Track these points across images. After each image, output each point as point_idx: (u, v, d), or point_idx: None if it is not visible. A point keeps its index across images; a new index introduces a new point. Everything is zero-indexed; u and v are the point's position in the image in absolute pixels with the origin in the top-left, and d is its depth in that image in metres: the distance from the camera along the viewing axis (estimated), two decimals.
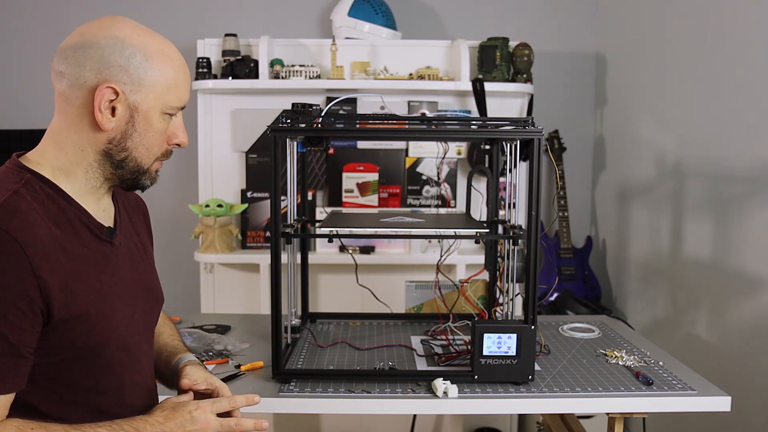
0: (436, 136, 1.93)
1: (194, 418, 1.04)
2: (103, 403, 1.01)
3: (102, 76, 0.96)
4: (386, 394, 1.38)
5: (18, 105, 3.00)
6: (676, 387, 1.42)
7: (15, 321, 0.88)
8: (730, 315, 2.04)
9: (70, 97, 0.97)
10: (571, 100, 3.12)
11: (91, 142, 0.99)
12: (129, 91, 0.98)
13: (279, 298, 1.42)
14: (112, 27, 0.99)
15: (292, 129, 1.46)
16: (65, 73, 0.97)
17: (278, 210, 1.41)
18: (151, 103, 1.00)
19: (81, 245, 0.98)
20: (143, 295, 1.11)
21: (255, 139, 2.69)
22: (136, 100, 0.99)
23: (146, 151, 1.03)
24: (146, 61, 0.98)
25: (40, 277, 0.90)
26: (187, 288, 2.95)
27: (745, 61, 1.98)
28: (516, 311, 1.68)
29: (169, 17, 2.97)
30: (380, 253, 2.67)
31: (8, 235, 0.88)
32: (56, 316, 0.92)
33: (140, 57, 0.98)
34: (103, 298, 0.99)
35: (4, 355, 0.88)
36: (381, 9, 2.73)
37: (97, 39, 0.97)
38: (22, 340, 0.89)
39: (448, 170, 2.74)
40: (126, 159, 1.02)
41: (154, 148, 1.04)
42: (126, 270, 1.06)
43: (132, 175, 1.04)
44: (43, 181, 0.97)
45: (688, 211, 2.28)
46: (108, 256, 1.03)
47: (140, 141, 1.01)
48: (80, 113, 0.98)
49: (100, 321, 0.98)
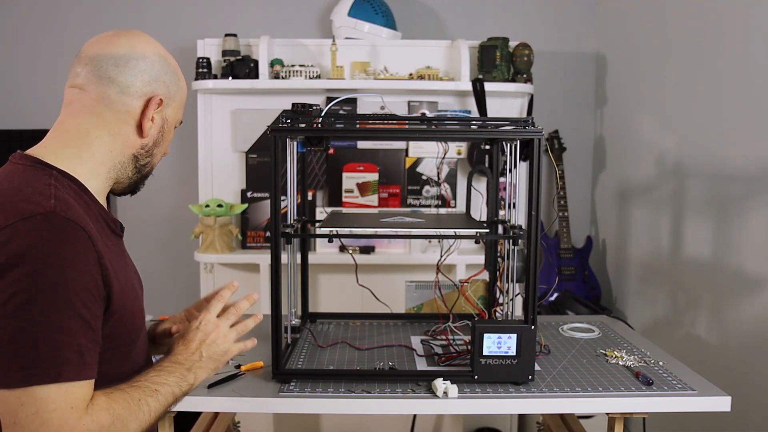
0: (436, 136, 1.93)
1: (205, 330, 1.15)
2: None
3: (150, 87, 1.06)
4: (386, 394, 1.38)
5: (18, 105, 3.00)
6: (676, 387, 1.42)
7: (93, 308, 0.92)
8: (730, 315, 2.04)
9: (115, 102, 1.04)
10: (571, 100, 3.12)
11: (125, 146, 1.07)
12: (166, 105, 1.10)
13: (279, 298, 1.42)
14: (155, 44, 1.10)
15: (292, 129, 1.46)
16: (115, 79, 1.03)
17: (278, 210, 1.41)
18: (174, 116, 1.13)
19: (108, 239, 1.03)
20: (140, 288, 1.17)
21: (255, 139, 2.69)
22: (167, 113, 1.11)
23: (159, 157, 1.15)
24: (177, 80, 1.12)
25: (103, 265, 0.94)
26: (187, 288, 2.95)
27: (746, 61, 1.98)
28: (516, 311, 1.68)
29: (169, 17, 2.97)
30: (380, 253, 2.67)
31: (75, 224, 0.92)
32: (113, 305, 0.97)
33: (176, 76, 1.11)
34: (132, 290, 1.05)
35: (89, 341, 0.92)
36: (381, 9, 2.73)
37: (148, 54, 1.07)
38: (98, 326, 0.94)
39: (448, 170, 2.74)
40: (147, 164, 1.13)
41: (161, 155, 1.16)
42: (131, 263, 1.15)
43: (141, 179, 1.14)
44: (67, 177, 1.00)
45: (688, 211, 2.28)
46: (122, 249, 1.10)
47: (161, 149, 1.14)
48: (122, 118, 1.05)
49: (135, 311, 1.05)
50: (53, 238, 0.89)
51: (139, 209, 2.89)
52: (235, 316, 1.22)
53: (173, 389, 1.06)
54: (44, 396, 0.88)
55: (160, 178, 3.04)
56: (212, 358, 1.15)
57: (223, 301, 1.22)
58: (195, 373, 1.12)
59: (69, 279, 0.89)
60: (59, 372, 0.89)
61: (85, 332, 0.91)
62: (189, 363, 1.12)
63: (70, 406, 0.90)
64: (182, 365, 1.11)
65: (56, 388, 0.89)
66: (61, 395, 0.89)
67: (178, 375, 1.09)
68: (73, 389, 0.91)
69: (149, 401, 1.01)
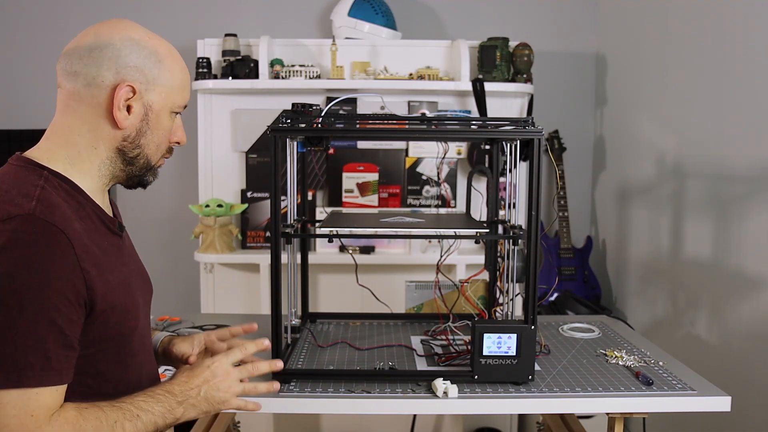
0: (436, 136, 1.93)
1: (214, 372, 1.13)
2: (128, 393, 1.04)
3: (120, 75, 1.00)
4: (386, 394, 1.38)
5: (18, 105, 3.00)
6: (676, 387, 1.42)
7: (67, 312, 0.90)
8: (730, 315, 2.04)
9: (85, 96, 1.00)
10: (571, 100, 3.12)
11: (106, 140, 1.03)
12: (144, 90, 1.02)
13: (279, 298, 1.42)
14: (125, 29, 1.04)
15: (292, 129, 1.46)
16: (80, 72, 1.00)
17: (278, 210, 1.41)
18: (163, 102, 1.05)
19: (102, 238, 1.01)
20: (145, 286, 1.16)
21: (255, 139, 2.69)
22: (150, 99, 1.04)
23: (155, 148, 1.08)
24: (159, 63, 1.04)
25: (84, 268, 0.92)
26: (187, 288, 2.95)
27: (746, 61, 1.98)
28: (516, 311, 1.68)
29: (169, 17, 2.97)
30: (380, 253, 2.67)
31: (55, 227, 0.90)
32: (98, 307, 0.95)
33: (154, 58, 1.03)
34: (127, 289, 1.03)
35: (60, 347, 0.90)
36: (381, 9, 2.73)
37: (113, 40, 1.01)
38: (73, 332, 0.92)
39: (448, 170, 2.74)
40: (138, 156, 1.07)
41: (162, 145, 1.10)
42: (132, 262, 1.12)
43: (140, 172, 1.09)
44: (59, 177, 0.99)
45: (688, 211, 2.28)
46: (121, 248, 1.08)
47: (151, 138, 1.07)
48: (95, 111, 1.01)
49: (129, 311, 1.03)
50: (29, 240, 0.87)
51: (139, 209, 2.89)
52: (242, 355, 1.19)
53: (156, 419, 1.03)
54: (4, 401, 0.87)
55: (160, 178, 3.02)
56: (209, 400, 1.12)
57: (246, 354, 1.20)
58: (185, 408, 1.09)
59: (42, 282, 0.87)
60: (20, 377, 0.87)
61: (56, 337, 0.89)
62: (183, 396, 1.09)
63: (30, 413, 0.87)
64: (175, 397, 1.07)
65: (17, 394, 0.87)
66: (22, 401, 0.87)
67: (166, 405, 1.05)
68: (35, 396, 0.88)
69: (126, 426, 0.97)
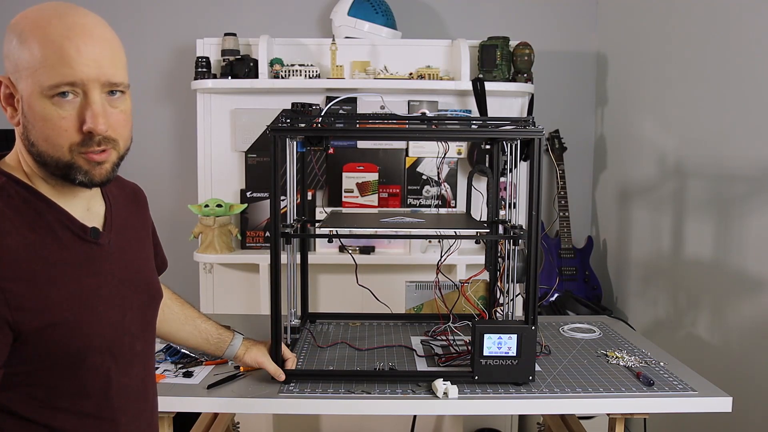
0: (436, 136, 1.93)
1: None
2: (87, 407, 0.98)
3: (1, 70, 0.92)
4: (386, 394, 1.38)
5: None
6: (677, 387, 1.42)
7: None
8: (731, 315, 2.04)
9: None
10: (571, 99, 3.12)
11: (18, 141, 0.95)
12: (16, 80, 0.90)
13: (279, 298, 1.42)
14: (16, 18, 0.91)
15: (291, 129, 1.45)
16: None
17: (278, 210, 1.40)
18: (30, 89, 0.89)
19: (61, 249, 0.94)
20: (137, 294, 1.07)
21: (254, 138, 2.69)
22: (21, 89, 0.90)
23: (46, 143, 0.90)
24: (20, 44, 0.89)
25: (7, 288, 0.86)
26: (187, 288, 2.93)
27: (747, 61, 1.97)
28: (516, 312, 1.67)
29: (168, 17, 2.97)
30: (380, 253, 2.66)
31: None
32: (28, 325, 0.88)
33: (16, 41, 0.89)
34: (84, 303, 0.95)
35: None
36: (381, 8, 2.72)
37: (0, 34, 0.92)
38: None
39: (448, 170, 2.73)
40: (40, 153, 0.92)
41: (54, 138, 0.90)
42: (116, 270, 1.02)
43: (59, 171, 0.93)
44: (19, 184, 0.93)
45: (689, 211, 2.28)
46: (93, 257, 0.98)
47: (38, 133, 0.90)
48: None
49: (81, 326, 0.94)
50: None
51: None
52: None
53: None
54: None
55: (160, 178, 3.04)
56: None
57: None
58: None
59: None
60: None
61: None
62: None
63: None
64: None
65: None
66: None
67: None
68: None
69: None
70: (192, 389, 1.42)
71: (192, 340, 1.42)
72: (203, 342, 1.43)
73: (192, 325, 1.42)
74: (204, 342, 1.43)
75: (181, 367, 1.52)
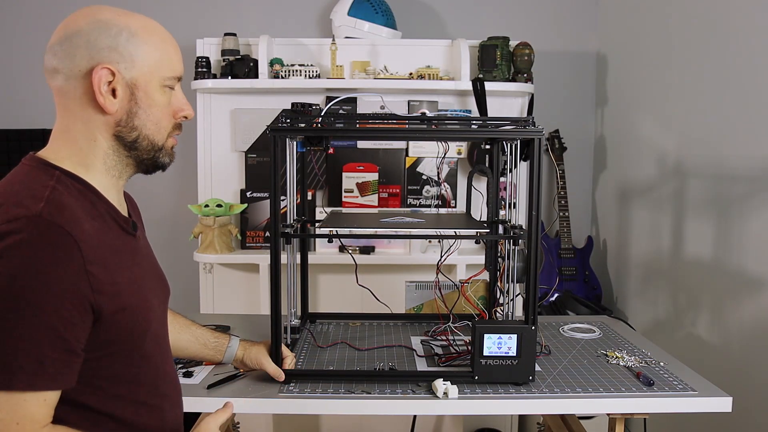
0: (436, 136, 1.93)
1: None
2: (141, 395, 1.03)
3: (94, 60, 0.96)
4: (386, 394, 1.38)
5: (18, 105, 2.99)
6: (677, 387, 1.42)
7: (68, 316, 0.88)
8: (731, 315, 2.04)
9: (68, 90, 0.98)
10: (571, 99, 3.12)
11: (101, 129, 0.99)
12: (124, 70, 0.97)
13: (278, 298, 1.42)
14: (92, 13, 0.99)
15: (291, 129, 1.45)
16: (58, 68, 0.97)
17: (278, 210, 1.40)
18: (148, 78, 0.99)
19: (115, 238, 0.99)
20: (160, 286, 1.14)
21: (254, 138, 2.69)
22: (133, 77, 0.98)
23: (155, 126, 1.02)
24: (133, 37, 0.98)
25: (90, 272, 0.89)
26: (187, 288, 2.95)
27: (747, 61, 1.97)
28: (516, 312, 1.67)
29: (168, 17, 2.97)
30: (380, 253, 2.66)
31: (62, 229, 0.88)
32: (106, 310, 0.92)
33: (126, 34, 0.97)
34: (138, 290, 1.01)
35: (56, 350, 0.87)
36: (381, 8, 2.72)
37: (80, 27, 0.97)
38: (74, 336, 0.89)
39: (448, 170, 2.73)
40: (138, 138, 1.01)
41: (162, 122, 1.03)
42: (147, 262, 1.09)
43: (148, 154, 1.04)
44: (70, 176, 0.97)
45: (689, 211, 2.28)
46: (134, 248, 1.05)
47: (147, 117, 1.01)
48: (82, 103, 0.98)
49: (140, 313, 1.00)
50: (33, 242, 0.85)
51: None
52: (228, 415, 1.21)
53: None
54: None
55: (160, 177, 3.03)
56: None
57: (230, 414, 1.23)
58: None
59: (42, 285, 0.85)
60: (10, 379, 0.84)
61: (53, 341, 0.86)
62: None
63: (16, 421, 0.85)
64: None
65: (6, 397, 0.85)
66: (9, 405, 0.85)
67: None
68: (23, 403, 0.86)
69: None
70: (192, 389, 1.42)
71: (191, 347, 1.43)
72: (201, 347, 1.44)
73: (188, 332, 1.43)
74: (202, 347, 1.44)
75: (181, 367, 1.52)
